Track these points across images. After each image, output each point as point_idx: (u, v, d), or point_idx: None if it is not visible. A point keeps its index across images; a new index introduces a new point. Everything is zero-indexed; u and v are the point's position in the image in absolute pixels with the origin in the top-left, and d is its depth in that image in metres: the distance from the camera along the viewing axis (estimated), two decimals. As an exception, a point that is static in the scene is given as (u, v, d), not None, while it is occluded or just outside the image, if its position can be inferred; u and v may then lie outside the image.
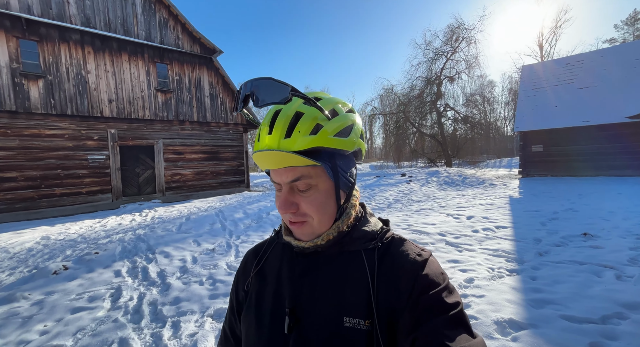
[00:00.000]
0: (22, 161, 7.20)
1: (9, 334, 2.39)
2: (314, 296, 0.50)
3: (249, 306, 0.57)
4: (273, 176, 0.50)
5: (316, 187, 0.49)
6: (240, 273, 0.63)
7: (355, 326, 0.46)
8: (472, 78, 18.92)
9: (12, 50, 7.06)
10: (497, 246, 3.76)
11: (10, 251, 4.44)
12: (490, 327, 2.07)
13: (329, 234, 0.51)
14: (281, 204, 0.48)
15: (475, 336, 0.42)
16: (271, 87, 0.46)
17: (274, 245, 0.61)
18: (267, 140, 0.47)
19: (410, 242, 0.54)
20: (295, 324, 0.49)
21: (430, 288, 0.45)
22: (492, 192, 8.61)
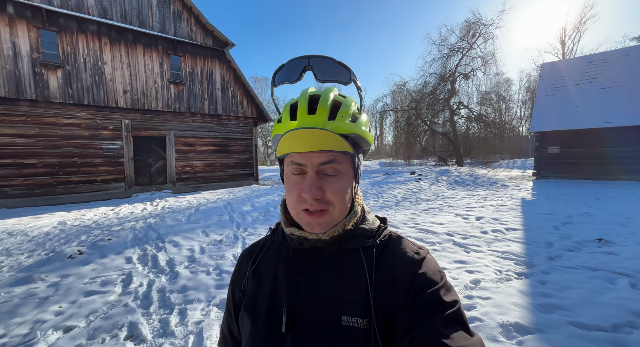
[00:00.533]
0: (41, 149, 7.45)
1: (26, 313, 2.50)
2: (312, 295, 0.49)
3: (245, 306, 0.56)
4: (301, 157, 0.48)
5: (342, 174, 0.49)
6: (236, 274, 0.62)
7: (354, 325, 0.45)
8: (488, 75, 18.38)
9: (32, 40, 7.26)
10: (506, 248, 3.69)
11: (29, 234, 4.64)
12: (495, 330, 2.04)
13: (335, 231, 0.50)
14: (309, 187, 0.46)
15: (473, 335, 0.42)
16: (334, 67, 0.51)
17: (270, 244, 0.60)
18: (309, 120, 0.47)
19: (408, 240, 0.53)
20: (292, 324, 0.48)
21: (428, 287, 0.45)
22: (504, 194, 8.42)
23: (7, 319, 2.42)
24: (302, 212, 0.49)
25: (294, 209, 0.50)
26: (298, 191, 0.48)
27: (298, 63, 0.51)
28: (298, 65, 0.51)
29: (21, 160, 7.19)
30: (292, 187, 0.49)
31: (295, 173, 0.49)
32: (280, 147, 0.50)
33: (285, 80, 0.53)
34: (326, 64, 0.51)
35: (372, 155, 53.72)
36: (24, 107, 7.19)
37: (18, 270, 3.38)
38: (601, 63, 13.06)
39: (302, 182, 0.48)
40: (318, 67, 0.51)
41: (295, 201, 0.49)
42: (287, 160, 0.50)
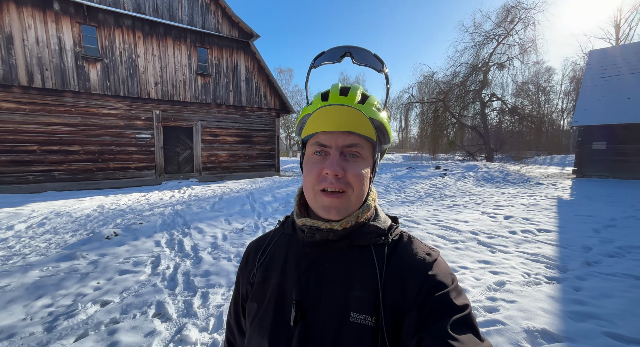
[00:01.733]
0: (83, 137, 8.10)
1: (70, 286, 2.77)
2: (321, 290, 0.49)
3: (252, 298, 0.56)
4: (326, 138, 0.49)
5: (363, 160, 0.50)
6: (244, 266, 0.62)
7: (362, 322, 0.46)
8: (526, 65, 16.97)
9: (75, 36, 7.80)
10: (536, 250, 3.47)
11: (73, 215, 5.09)
12: (518, 335, 1.94)
13: (348, 221, 0.49)
14: (332, 163, 0.47)
15: (483, 340, 0.41)
16: (370, 56, 0.56)
17: (279, 236, 0.60)
18: (341, 100, 0.50)
19: (419, 241, 0.53)
20: (301, 317, 0.48)
21: (438, 289, 0.45)
22: (538, 192, 7.86)
23: (53, 290, 2.69)
24: (320, 193, 0.49)
25: (311, 191, 0.50)
26: (319, 170, 0.49)
27: (339, 50, 0.57)
28: (339, 51, 0.57)
29: (67, 148, 7.88)
30: (313, 167, 0.50)
31: (317, 153, 0.50)
32: (307, 127, 0.51)
33: (325, 60, 0.57)
34: (363, 53, 0.56)
35: (396, 149, 52.40)
36: (68, 98, 7.83)
37: (63, 247, 3.73)
38: (663, 49, 11.56)
39: (324, 162, 0.49)
40: (356, 54, 0.56)
41: (314, 180, 0.49)
42: (311, 141, 0.51)
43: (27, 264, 3.23)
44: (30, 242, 3.85)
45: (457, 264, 3.16)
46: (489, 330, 2.00)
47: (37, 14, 7.32)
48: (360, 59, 0.56)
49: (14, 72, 7.13)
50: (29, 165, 7.47)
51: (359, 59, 0.56)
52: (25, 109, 7.34)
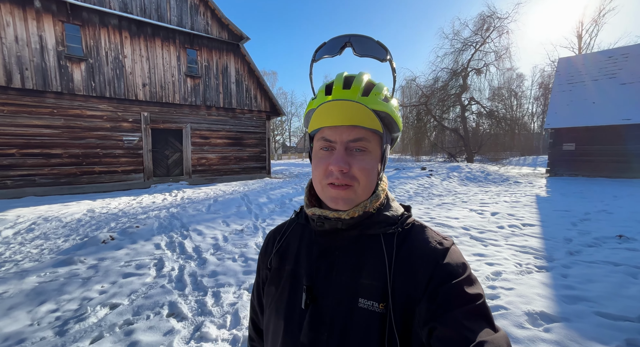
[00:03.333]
0: (66, 139, 7.73)
1: (73, 291, 2.69)
2: (331, 277, 0.51)
3: (270, 282, 0.59)
4: (331, 133, 0.49)
5: (369, 153, 0.50)
6: (263, 252, 0.66)
7: (370, 308, 0.46)
8: (501, 70, 18.07)
9: (58, 34, 7.46)
10: (524, 243, 3.75)
11: (62, 220, 4.87)
12: (521, 317, 2.12)
13: (356, 211, 0.50)
14: (337, 160, 0.47)
15: (498, 330, 0.41)
16: (372, 44, 0.54)
17: (294, 226, 0.63)
18: (344, 94, 0.49)
19: (432, 230, 0.52)
20: (312, 301, 0.51)
21: (451, 278, 0.44)
22: (517, 190, 8.38)
23: (56, 295, 2.61)
24: (327, 186, 0.50)
25: (319, 184, 0.51)
26: (325, 165, 0.49)
27: (339, 40, 0.55)
28: (339, 41, 0.54)
29: (48, 151, 7.49)
30: (320, 161, 0.51)
31: (324, 148, 0.51)
32: (312, 121, 0.51)
33: (325, 54, 0.56)
34: (365, 41, 0.54)
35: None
36: (50, 99, 7.45)
37: (58, 252, 3.58)
38: (622, 58, 12.69)
39: (330, 157, 0.49)
40: (357, 44, 0.54)
41: (321, 175, 0.50)
42: (317, 136, 0.52)
43: (22, 270, 3.09)
44: (21, 249, 3.67)
45: (455, 257, 3.36)
46: (494, 315, 2.18)
47: (16, 11, 6.95)
48: (361, 50, 0.54)
49: (-10, 71, 6.72)
50: (7, 169, 7.02)
51: (360, 49, 0.54)
52: (3, 110, 6.91)
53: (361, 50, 0.54)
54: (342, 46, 0.54)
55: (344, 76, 0.52)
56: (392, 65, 0.54)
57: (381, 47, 0.53)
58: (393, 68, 0.54)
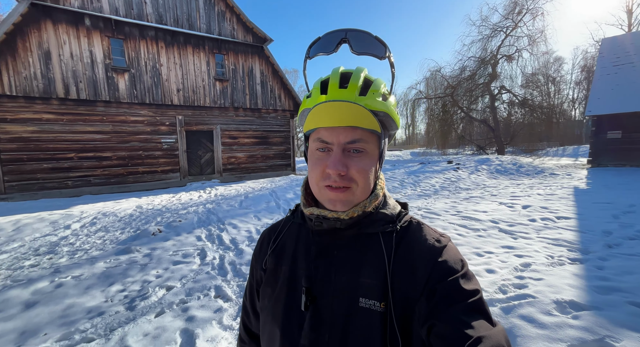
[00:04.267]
0: (115, 143, 8.59)
1: (135, 275, 3.11)
2: (330, 277, 0.50)
3: (266, 283, 0.57)
4: (328, 134, 0.47)
5: (367, 153, 0.48)
6: (257, 252, 0.63)
7: (371, 307, 0.46)
8: (535, 55, 16.84)
9: (105, 48, 8.28)
10: (557, 236, 3.66)
11: (118, 215, 5.50)
12: (549, 305, 2.16)
13: (355, 211, 0.49)
14: (334, 163, 0.46)
15: (495, 324, 0.41)
16: (370, 41, 0.50)
17: (290, 225, 0.61)
18: (340, 94, 0.47)
19: (429, 227, 0.53)
20: (311, 303, 0.49)
21: (448, 275, 0.44)
22: (553, 183, 7.95)
23: (122, 278, 3.04)
24: (324, 189, 0.48)
25: (316, 186, 0.50)
26: (322, 167, 0.48)
27: (335, 35, 0.51)
28: (335, 37, 0.51)
29: (100, 154, 8.38)
30: (316, 163, 0.49)
31: (320, 149, 0.49)
32: (308, 121, 0.49)
33: (320, 51, 0.53)
34: (363, 37, 0.51)
35: (403, 145, 52.13)
36: (100, 107, 8.32)
37: (117, 243, 4.10)
38: (678, 34, 11.37)
39: (327, 158, 0.48)
40: (354, 40, 0.51)
41: (318, 177, 0.49)
42: (313, 136, 0.50)
43: (91, 257, 3.60)
44: (88, 239, 4.24)
45: (482, 249, 3.38)
46: (520, 303, 2.23)
47: (71, 30, 7.81)
48: (359, 47, 0.50)
49: (52, 86, 7.64)
50: (68, 171, 7.98)
51: (357, 47, 0.50)
52: (63, 119, 7.85)
53: (359, 48, 0.51)
54: (338, 43, 0.51)
55: (340, 72, 0.49)
56: (391, 60, 0.51)
57: (380, 43, 0.50)
58: (392, 63, 0.51)
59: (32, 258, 3.60)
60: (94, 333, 2.12)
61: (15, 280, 3.00)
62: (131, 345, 1.95)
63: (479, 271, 2.80)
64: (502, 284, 2.53)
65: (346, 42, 0.51)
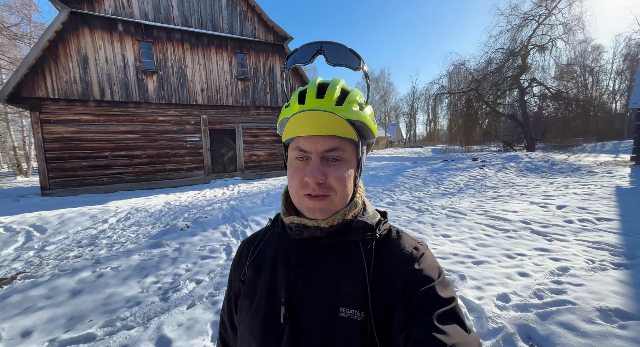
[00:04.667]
0: (144, 142, 9.07)
1: (166, 268, 3.27)
2: (310, 286, 0.50)
3: (244, 295, 0.56)
4: (306, 143, 0.48)
5: (345, 161, 0.49)
6: (236, 263, 0.62)
7: (351, 317, 0.46)
8: (572, 44, 15.63)
9: (135, 52, 8.73)
10: (598, 239, 3.41)
11: (149, 210, 5.81)
12: (591, 313, 2.03)
13: (335, 219, 0.49)
14: (313, 171, 0.46)
15: (470, 331, 0.42)
16: (344, 53, 0.52)
17: (270, 234, 0.60)
18: (317, 103, 0.48)
19: (407, 236, 0.54)
20: (290, 314, 0.48)
21: (425, 283, 0.45)
22: (591, 181, 7.41)
23: (155, 271, 3.21)
24: (303, 197, 0.49)
25: (295, 194, 0.50)
26: (301, 175, 0.48)
27: (311, 47, 0.53)
28: (311, 49, 0.53)
29: (131, 152, 8.89)
30: (295, 172, 0.49)
31: (299, 158, 0.49)
32: (286, 131, 0.50)
33: (297, 62, 0.54)
34: (337, 49, 0.52)
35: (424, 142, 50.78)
36: (131, 108, 8.80)
37: (149, 237, 4.33)
38: None
39: (306, 167, 0.48)
40: (329, 52, 0.52)
41: (297, 186, 0.49)
42: (292, 145, 0.51)
43: (127, 250, 3.84)
44: (123, 233, 4.52)
45: (513, 251, 3.23)
46: (559, 309, 2.11)
47: (106, 35, 8.30)
48: (334, 58, 0.52)
49: (89, 88, 8.18)
50: (103, 169, 8.54)
51: (332, 58, 0.52)
52: (99, 120, 8.39)
53: (333, 59, 0.52)
54: (313, 54, 0.53)
55: (318, 83, 0.51)
56: (365, 71, 0.53)
57: (354, 55, 0.52)
58: (366, 74, 0.53)
59: (76, 250, 3.90)
60: (133, 321, 2.26)
61: (62, 269, 3.26)
62: (167, 334, 2.06)
63: (510, 274, 2.68)
64: (537, 288, 2.41)
65: (321, 53, 0.52)
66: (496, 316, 2.07)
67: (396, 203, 5.90)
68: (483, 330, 1.97)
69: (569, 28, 15.00)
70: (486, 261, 2.99)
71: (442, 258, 3.10)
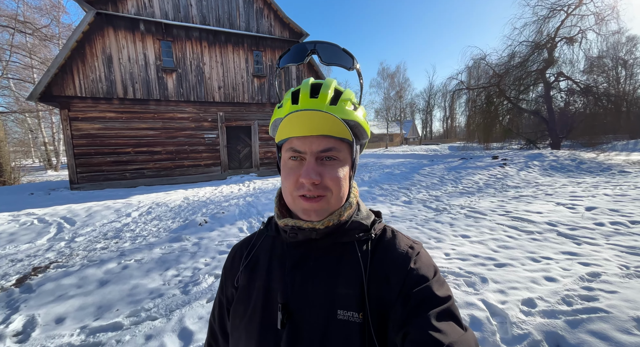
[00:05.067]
0: (164, 139, 9.37)
1: (186, 262, 3.36)
2: (307, 290, 0.49)
3: (238, 301, 0.55)
4: (300, 144, 0.47)
5: (340, 161, 0.49)
6: (228, 268, 0.60)
7: (350, 319, 0.45)
8: (604, 36, 14.65)
9: (156, 51, 9.00)
10: (632, 243, 3.21)
11: (169, 205, 6.01)
12: (627, 323, 1.92)
13: (330, 220, 0.49)
14: (308, 172, 0.46)
15: (466, 330, 0.42)
16: (338, 52, 0.53)
17: (263, 238, 0.59)
18: (311, 103, 0.47)
19: (402, 235, 0.53)
20: (287, 319, 0.47)
21: (421, 282, 0.45)
22: (624, 182, 6.97)
23: (175, 264, 3.31)
24: (298, 198, 0.48)
25: (290, 196, 0.49)
26: (295, 176, 0.47)
27: (304, 47, 0.53)
28: (304, 49, 0.53)
29: (152, 148, 9.21)
30: (290, 173, 0.48)
31: (293, 158, 0.48)
32: (280, 131, 0.49)
33: (290, 62, 0.54)
34: (330, 49, 0.53)
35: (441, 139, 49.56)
36: (152, 105, 9.10)
37: (170, 231, 4.47)
38: None
39: (300, 168, 0.47)
40: (323, 51, 0.53)
41: (292, 187, 0.48)
42: (285, 146, 0.50)
43: (149, 243, 3.98)
44: (145, 227, 4.69)
45: (538, 254, 3.10)
46: (590, 317, 2.00)
47: (129, 35, 8.60)
48: (327, 58, 0.53)
49: (113, 87, 8.53)
50: (126, 164, 8.91)
51: (326, 57, 0.53)
52: (122, 117, 8.74)
53: (327, 58, 0.53)
54: (307, 54, 0.53)
55: (311, 83, 0.50)
56: (359, 71, 0.53)
57: (347, 54, 0.53)
58: (359, 73, 0.53)
59: (102, 241, 4.09)
60: (157, 313, 2.34)
61: (90, 260, 3.43)
62: (189, 326, 2.12)
63: (535, 278, 2.57)
64: (565, 294, 2.30)
65: (315, 53, 0.53)
66: (521, 322, 1.99)
67: (412, 202, 5.80)
68: (507, 336, 1.90)
69: (601, 18, 14.07)
70: (509, 264, 2.88)
71: (461, 259, 3.01)
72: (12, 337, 2.10)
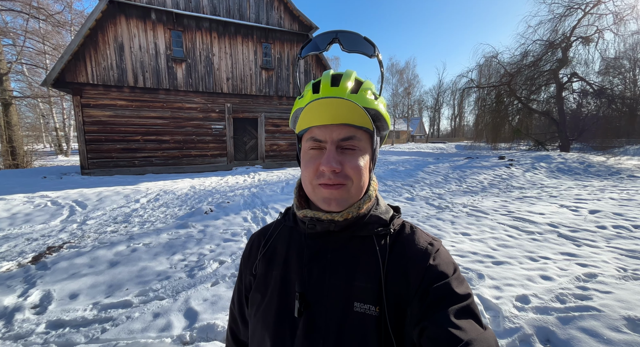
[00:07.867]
0: (172, 128, 9.50)
1: (192, 248, 3.48)
2: (324, 281, 0.49)
3: (256, 289, 0.56)
4: (321, 132, 0.47)
5: (360, 151, 0.48)
6: (247, 257, 0.61)
7: (366, 312, 0.45)
8: (622, 36, 14.22)
9: (166, 40, 9.06)
10: (633, 247, 3.22)
11: (176, 193, 6.15)
12: (617, 321, 1.97)
13: (349, 212, 0.49)
14: (329, 159, 0.45)
15: (486, 328, 0.41)
16: (359, 40, 0.53)
17: (281, 228, 0.59)
18: (333, 91, 0.48)
19: (421, 231, 0.53)
20: (305, 309, 0.48)
21: (440, 279, 0.45)
22: (631, 186, 6.89)
23: (182, 249, 3.43)
24: (318, 187, 0.48)
25: (309, 185, 0.49)
26: (316, 165, 0.47)
27: (326, 36, 0.54)
28: (326, 37, 0.53)
29: (160, 137, 9.36)
30: (310, 161, 0.48)
31: (313, 148, 0.48)
32: (300, 121, 0.49)
33: (312, 50, 0.55)
34: (352, 37, 0.53)
35: (448, 138, 49.04)
36: (161, 95, 9.21)
37: (176, 218, 4.60)
38: None
39: (320, 157, 0.47)
40: (344, 40, 0.53)
41: (312, 175, 0.48)
42: (306, 136, 0.50)
43: (157, 229, 4.11)
44: (153, 213, 4.83)
45: (536, 253, 3.13)
46: (582, 315, 2.05)
47: (140, 24, 8.67)
48: (349, 45, 0.53)
49: (124, 75, 8.65)
50: (135, 152, 9.09)
51: (347, 45, 0.53)
52: (132, 106, 8.88)
53: (349, 46, 0.53)
54: (329, 42, 0.53)
55: (331, 74, 0.51)
56: (380, 59, 0.53)
57: (369, 43, 0.53)
58: (380, 62, 0.53)
59: (112, 225, 4.24)
60: (164, 293, 2.46)
61: (101, 242, 3.57)
62: (194, 307, 2.23)
63: (531, 276, 2.62)
64: (560, 292, 2.35)
65: (337, 41, 0.53)
66: (514, 316, 2.05)
67: (415, 199, 5.83)
68: (499, 329, 1.97)
69: (619, 18, 13.64)
70: (507, 262, 2.93)
71: (460, 256, 3.07)
72: (31, 309, 2.24)
